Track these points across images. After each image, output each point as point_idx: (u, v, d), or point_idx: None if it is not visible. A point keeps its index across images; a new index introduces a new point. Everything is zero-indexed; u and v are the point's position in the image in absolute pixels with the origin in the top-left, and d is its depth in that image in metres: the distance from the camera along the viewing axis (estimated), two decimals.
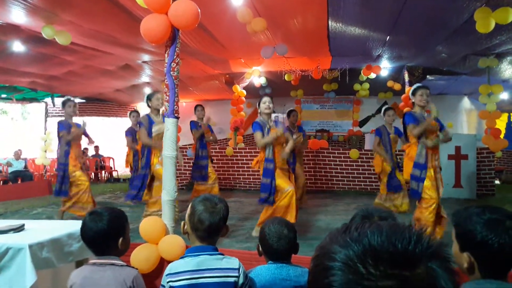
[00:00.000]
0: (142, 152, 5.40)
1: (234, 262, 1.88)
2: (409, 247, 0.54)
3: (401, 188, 6.08)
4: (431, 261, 0.54)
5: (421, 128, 4.43)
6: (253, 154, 9.55)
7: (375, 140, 6.36)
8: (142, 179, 5.30)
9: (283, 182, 4.75)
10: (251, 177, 9.04)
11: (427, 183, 4.33)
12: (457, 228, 1.35)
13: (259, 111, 5.00)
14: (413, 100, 4.70)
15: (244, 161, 9.13)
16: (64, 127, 5.78)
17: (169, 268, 1.88)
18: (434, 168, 4.44)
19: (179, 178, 8.53)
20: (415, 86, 4.76)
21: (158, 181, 5.12)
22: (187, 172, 8.49)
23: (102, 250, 1.93)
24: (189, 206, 1.94)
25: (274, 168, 4.77)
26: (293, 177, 5.16)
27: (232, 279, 1.83)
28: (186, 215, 1.93)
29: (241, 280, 1.85)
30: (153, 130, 5.30)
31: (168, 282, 1.84)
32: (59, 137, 5.82)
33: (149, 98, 5.48)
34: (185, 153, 9.02)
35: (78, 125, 5.96)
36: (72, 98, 6.17)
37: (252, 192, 8.60)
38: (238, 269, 1.86)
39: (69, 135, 5.73)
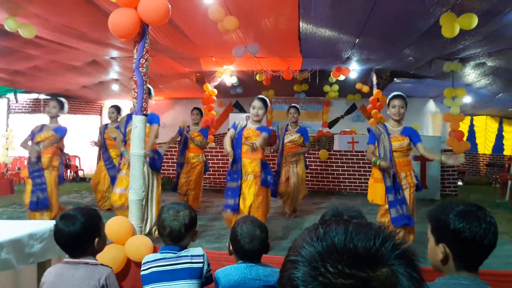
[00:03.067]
0: None
1: (198, 250, 2.05)
2: (372, 248, 0.55)
3: None
4: (395, 265, 0.54)
5: (371, 159, 4.10)
6: (224, 153, 9.51)
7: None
8: None
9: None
10: (221, 177, 8.99)
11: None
12: (432, 222, 1.41)
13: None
14: (388, 111, 4.23)
15: (215, 161, 9.07)
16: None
17: (142, 260, 2.07)
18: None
19: None
20: (391, 95, 4.17)
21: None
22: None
23: (77, 252, 1.89)
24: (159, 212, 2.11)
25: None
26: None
27: (198, 265, 1.98)
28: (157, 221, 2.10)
29: (205, 267, 2.01)
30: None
31: (141, 273, 2.02)
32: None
33: None
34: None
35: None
36: None
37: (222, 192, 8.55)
38: (203, 255, 2.02)
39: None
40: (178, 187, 6.28)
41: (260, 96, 4.57)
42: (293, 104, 6.51)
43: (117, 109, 6.73)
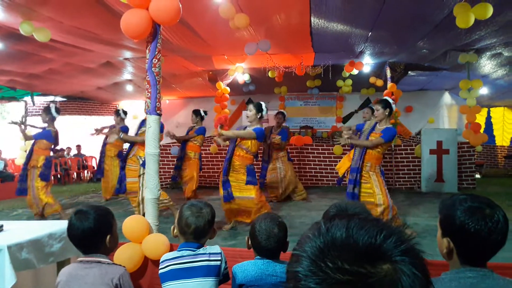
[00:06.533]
0: None
1: (216, 248, 2.08)
2: (373, 244, 0.54)
3: None
4: (398, 261, 0.53)
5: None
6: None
7: None
8: None
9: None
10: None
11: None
12: (440, 214, 1.40)
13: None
14: None
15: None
16: None
17: (161, 259, 2.08)
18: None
19: (162, 177, 8.49)
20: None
21: None
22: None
23: (90, 249, 1.92)
24: (178, 211, 2.11)
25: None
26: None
27: (216, 263, 2.01)
28: (175, 220, 2.10)
29: (223, 265, 2.04)
30: None
31: (159, 272, 2.04)
32: None
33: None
34: (168, 151, 9.00)
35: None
36: None
37: None
38: (220, 253, 2.06)
39: None
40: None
41: (258, 102, 5.34)
42: (279, 110, 7.87)
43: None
